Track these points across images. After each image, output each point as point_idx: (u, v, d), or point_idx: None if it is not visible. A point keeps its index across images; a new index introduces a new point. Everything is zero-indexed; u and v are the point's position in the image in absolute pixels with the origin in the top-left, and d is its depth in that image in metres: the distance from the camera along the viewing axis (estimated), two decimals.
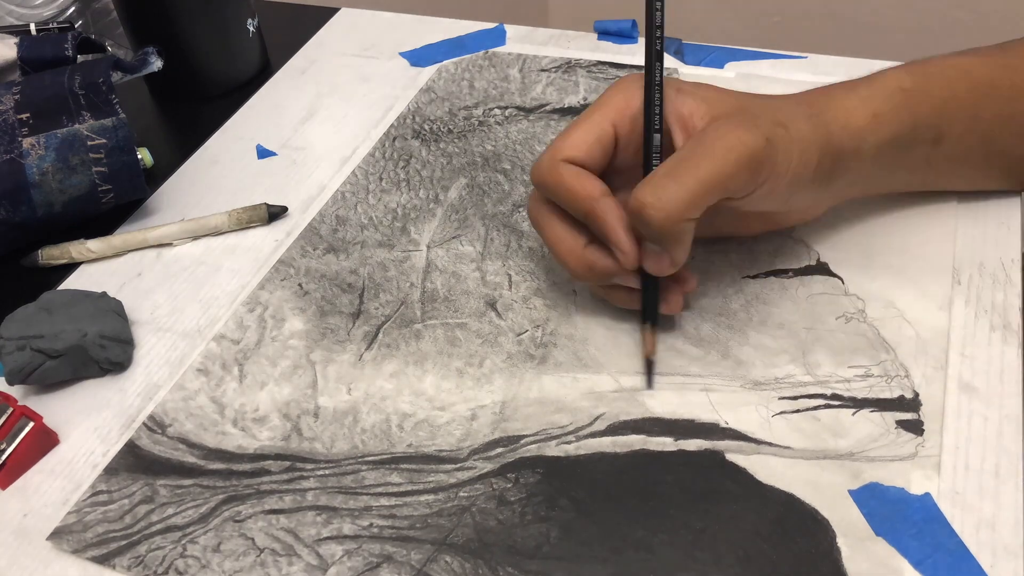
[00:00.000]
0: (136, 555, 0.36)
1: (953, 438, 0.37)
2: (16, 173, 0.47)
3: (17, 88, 0.48)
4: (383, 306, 0.45)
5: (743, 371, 0.40)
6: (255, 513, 0.37)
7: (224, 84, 0.62)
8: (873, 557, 0.33)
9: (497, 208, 0.50)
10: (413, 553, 0.35)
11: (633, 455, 0.37)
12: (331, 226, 0.50)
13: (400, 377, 0.41)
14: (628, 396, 0.40)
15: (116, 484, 0.38)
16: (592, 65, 0.59)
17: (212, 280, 0.48)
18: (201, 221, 0.50)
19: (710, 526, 0.35)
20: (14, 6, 0.63)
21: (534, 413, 0.39)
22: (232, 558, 0.35)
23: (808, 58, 0.58)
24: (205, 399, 0.41)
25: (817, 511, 0.35)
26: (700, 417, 0.38)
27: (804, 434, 0.37)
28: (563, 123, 0.55)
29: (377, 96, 0.59)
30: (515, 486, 0.37)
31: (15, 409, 0.39)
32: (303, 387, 0.42)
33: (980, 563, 0.33)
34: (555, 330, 0.43)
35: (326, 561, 0.35)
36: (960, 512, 0.34)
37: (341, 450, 0.39)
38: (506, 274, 0.46)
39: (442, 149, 0.54)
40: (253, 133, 0.58)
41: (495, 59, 0.61)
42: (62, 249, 0.49)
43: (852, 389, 0.39)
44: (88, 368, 0.42)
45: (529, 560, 0.34)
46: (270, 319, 0.45)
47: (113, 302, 0.45)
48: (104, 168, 0.48)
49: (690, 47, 0.60)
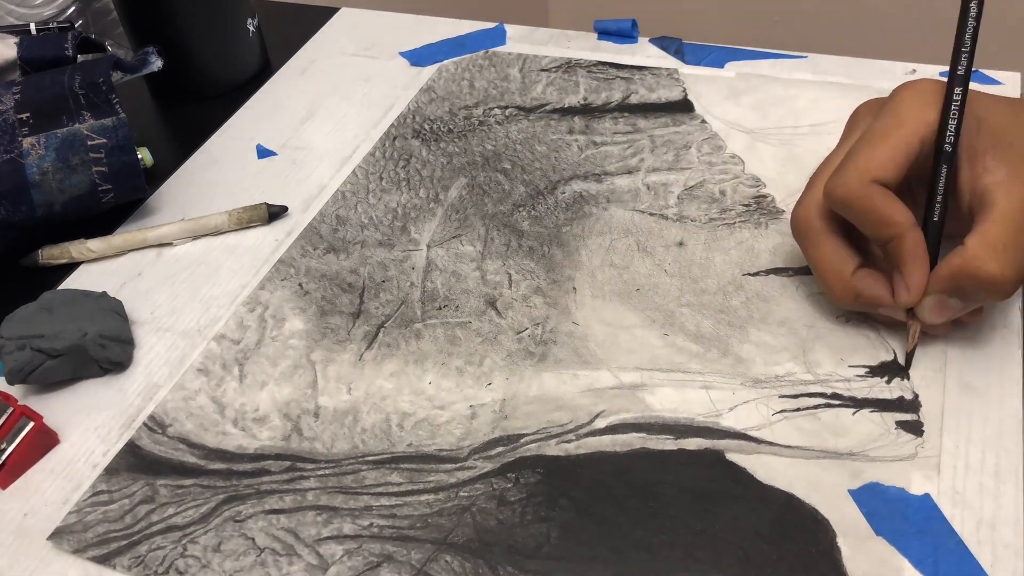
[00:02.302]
0: (136, 555, 0.36)
1: (953, 438, 0.37)
2: (16, 173, 0.47)
3: (17, 88, 0.48)
4: (383, 306, 0.45)
5: (743, 368, 0.40)
6: (255, 513, 0.37)
7: (224, 84, 0.62)
8: (873, 557, 0.33)
9: (497, 208, 0.50)
10: (413, 553, 0.35)
11: (633, 454, 0.37)
12: (331, 226, 0.50)
13: (400, 376, 0.41)
14: (628, 393, 0.40)
15: (116, 484, 0.38)
16: (592, 65, 0.59)
17: (212, 280, 0.48)
18: (201, 221, 0.50)
19: (710, 526, 0.35)
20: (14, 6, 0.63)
21: (534, 411, 0.39)
22: (232, 558, 0.35)
23: (808, 58, 0.58)
24: (205, 399, 0.41)
25: (817, 511, 0.35)
26: (700, 415, 0.38)
27: (805, 433, 0.37)
28: (563, 123, 0.55)
29: (377, 96, 0.59)
30: (515, 486, 0.37)
31: (15, 409, 0.39)
32: (303, 387, 0.42)
33: (980, 563, 0.33)
34: (555, 327, 0.43)
35: (326, 561, 0.35)
36: (960, 512, 0.34)
37: (341, 450, 0.39)
38: (506, 273, 0.46)
39: (442, 149, 0.54)
40: (253, 133, 0.58)
41: (495, 59, 0.61)
42: (62, 249, 0.49)
43: (852, 389, 0.39)
44: (88, 368, 0.42)
45: (529, 560, 0.34)
46: (270, 319, 0.45)
47: (113, 302, 0.45)
48: (104, 168, 0.48)
49: (690, 47, 0.60)
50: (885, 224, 0.37)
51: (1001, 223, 0.35)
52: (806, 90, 0.55)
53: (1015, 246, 0.35)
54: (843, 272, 0.38)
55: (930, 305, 0.37)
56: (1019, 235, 0.35)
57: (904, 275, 0.37)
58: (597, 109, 0.56)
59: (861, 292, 0.38)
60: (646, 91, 0.57)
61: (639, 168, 0.51)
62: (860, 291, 0.38)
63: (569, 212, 0.49)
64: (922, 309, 0.38)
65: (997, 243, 0.35)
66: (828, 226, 0.39)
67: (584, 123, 0.55)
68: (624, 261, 0.46)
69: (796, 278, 0.44)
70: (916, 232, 0.37)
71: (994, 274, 0.35)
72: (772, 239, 0.46)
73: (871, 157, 0.37)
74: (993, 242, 0.35)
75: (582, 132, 0.54)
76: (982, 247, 0.35)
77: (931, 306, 0.37)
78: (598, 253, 0.46)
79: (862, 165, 0.37)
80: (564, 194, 0.50)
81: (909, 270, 0.37)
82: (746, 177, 0.50)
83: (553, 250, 0.47)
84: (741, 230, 0.47)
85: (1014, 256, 0.35)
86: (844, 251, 0.39)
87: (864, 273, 0.38)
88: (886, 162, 0.37)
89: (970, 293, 0.36)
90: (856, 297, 0.38)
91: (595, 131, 0.54)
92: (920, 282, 0.37)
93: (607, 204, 0.49)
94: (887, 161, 0.37)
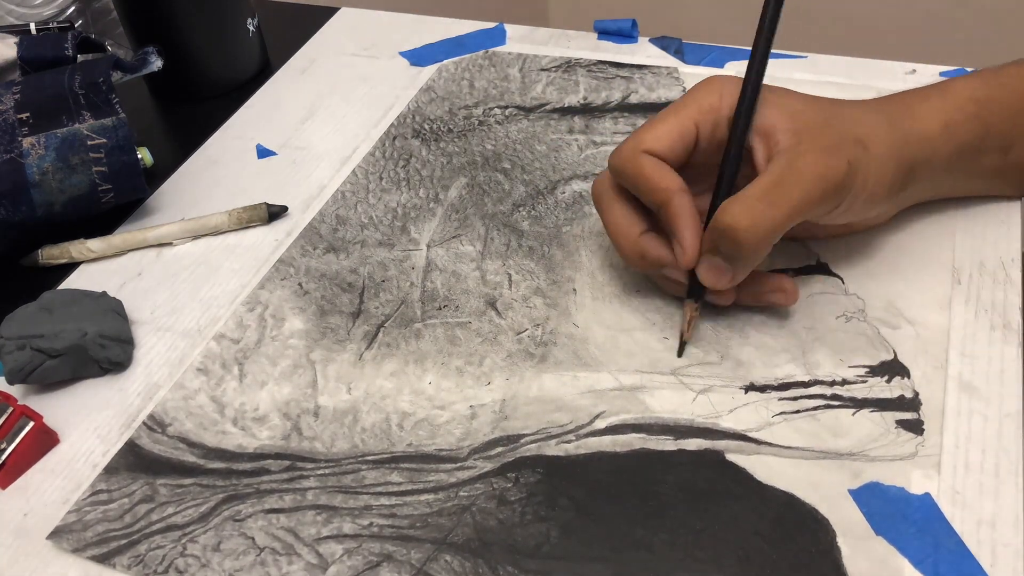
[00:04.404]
0: (136, 554, 0.36)
1: (953, 437, 0.37)
2: (16, 173, 0.47)
3: (17, 88, 0.48)
4: (383, 305, 0.45)
5: (743, 371, 0.40)
6: (255, 512, 0.37)
7: (224, 84, 0.62)
8: (873, 556, 0.33)
9: (497, 207, 0.50)
10: (413, 552, 0.35)
11: (633, 454, 0.37)
12: (331, 225, 0.50)
13: (400, 376, 0.41)
14: (628, 394, 0.40)
15: (116, 483, 0.38)
16: (592, 65, 0.59)
17: (212, 280, 0.48)
18: (201, 221, 0.50)
19: (710, 526, 0.35)
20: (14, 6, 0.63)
21: (534, 412, 0.39)
22: (232, 557, 0.35)
23: (808, 58, 0.58)
24: (205, 398, 0.41)
25: (817, 511, 0.35)
26: (700, 417, 0.38)
27: (804, 434, 0.37)
28: (563, 123, 0.55)
29: (377, 95, 0.59)
30: (515, 486, 0.37)
31: (15, 409, 0.39)
32: (303, 386, 0.42)
33: (980, 562, 0.33)
34: (555, 329, 0.43)
35: (326, 560, 0.35)
36: (960, 511, 0.34)
37: (341, 449, 0.39)
38: (506, 273, 0.46)
39: (442, 148, 0.54)
40: (253, 133, 0.58)
41: (495, 59, 0.61)
42: (62, 249, 0.49)
43: (852, 389, 0.39)
44: (88, 367, 0.42)
45: (529, 560, 0.34)
46: (270, 318, 0.45)
47: (113, 301, 0.45)
48: (104, 168, 0.48)
49: (690, 47, 0.60)
50: (654, 189, 0.39)
51: (758, 183, 0.38)
52: (806, 90, 0.55)
53: (763, 199, 0.37)
54: (631, 234, 0.41)
55: (703, 266, 0.39)
56: (770, 190, 0.37)
57: (678, 236, 0.39)
58: (597, 109, 0.56)
59: (646, 252, 0.41)
60: (646, 91, 0.57)
61: None
62: (645, 251, 0.41)
63: (569, 212, 0.49)
64: (699, 271, 0.40)
65: (746, 199, 0.37)
66: (620, 194, 0.42)
67: (584, 123, 0.55)
68: (624, 262, 0.46)
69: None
70: (684, 195, 0.39)
71: (734, 225, 0.37)
72: None
73: (647, 131, 0.40)
74: (742, 198, 0.37)
75: (582, 132, 0.54)
76: (732, 202, 0.38)
77: (704, 267, 0.39)
78: (598, 254, 0.46)
79: (637, 138, 0.40)
80: (564, 194, 0.50)
81: (681, 232, 0.39)
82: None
83: (553, 250, 0.47)
84: None
85: (760, 209, 0.37)
86: (632, 215, 0.41)
87: (650, 236, 0.41)
88: (661, 136, 0.40)
89: (724, 250, 0.38)
90: (641, 256, 0.41)
91: (595, 131, 0.54)
92: (693, 242, 0.39)
93: None
94: (662, 136, 0.40)
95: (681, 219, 0.39)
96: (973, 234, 0.45)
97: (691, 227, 0.39)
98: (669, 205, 0.39)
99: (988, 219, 0.45)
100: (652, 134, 0.40)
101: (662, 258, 0.40)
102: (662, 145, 0.40)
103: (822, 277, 0.44)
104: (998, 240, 0.44)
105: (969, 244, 0.44)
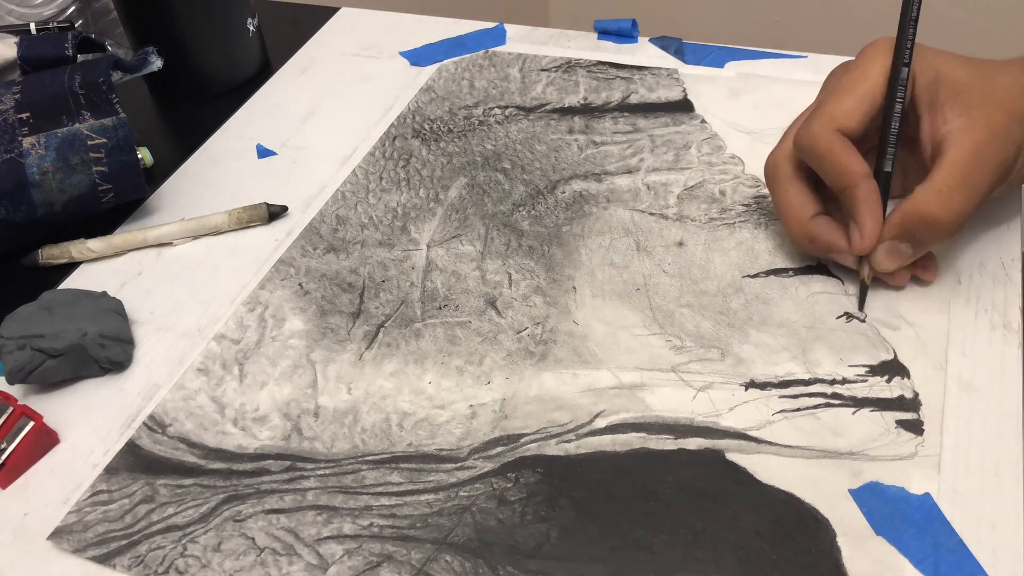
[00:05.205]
0: (136, 555, 0.36)
1: (953, 437, 0.37)
2: (16, 173, 0.47)
3: (17, 88, 0.48)
4: (383, 305, 0.45)
5: (743, 369, 0.40)
6: (255, 513, 0.37)
7: (224, 84, 0.62)
8: (873, 556, 0.33)
9: (497, 207, 0.50)
10: (413, 552, 0.35)
11: (633, 454, 0.37)
12: (331, 225, 0.50)
13: (400, 376, 0.41)
14: (628, 393, 0.40)
15: (116, 484, 0.38)
16: (592, 65, 0.59)
17: (212, 280, 0.48)
18: (201, 220, 0.50)
19: (710, 526, 0.35)
20: (14, 6, 0.63)
21: (534, 411, 0.39)
22: (232, 557, 0.35)
23: (808, 58, 0.58)
24: (205, 399, 0.41)
25: (817, 510, 0.35)
26: (700, 415, 0.38)
27: (804, 433, 0.37)
28: (563, 123, 0.55)
29: (377, 96, 0.59)
30: (515, 486, 0.37)
31: (15, 408, 0.39)
32: (303, 387, 0.42)
33: (980, 562, 0.33)
34: (555, 326, 0.43)
35: (326, 560, 0.35)
36: (960, 511, 0.34)
37: (341, 449, 0.39)
38: (506, 273, 0.46)
39: (442, 148, 0.54)
40: (253, 133, 0.58)
41: (495, 59, 0.61)
42: (62, 249, 0.49)
43: (852, 388, 0.39)
44: (88, 367, 0.42)
45: (529, 560, 0.34)
46: (270, 319, 0.45)
47: (113, 301, 0.45)
48: (104, 168, 0.48)
49: (690, 47, 0.60)
50: (843, 173, 0.39)
51: (947, 170, 0.38)
52: (806, 90, 0.55)
53: (959, 188, 0.38)
54: (802, 216, 0.41)
55: (883, 251, 0.40)
56: (964, 179, 0.38)
57: (859, 223, 0.40)
58: (597, 109, 0.56)
59: (817, 236, 0.41)
60: (646, 91, 0.57)
61: (639, 168, 0.51)
62: (816, 235, 0.41)
63: (569, 212, 0.49)
64: (876, 256, 0.40)
65: (942, 188, 0.38)
66: (795, 173, 0.42)
67: (584, 123, 0.55)
68: (624, 261, 0.46)
69: (796, 279, 0.44)
70: (870, 182, 0.39)
71: (936, 215, 0.38)
72: (772, 239, 0.46)
73: (837, 108, 0.40)
74: (939, 187, 0.38)
75: (582, 132, 0.54)
76: (928, 192, 0.38)
77: (884, 252, 0.40)
78: (598, 253, 0.46)
79: (828, 115, 0.40)
80: (564, 194, 0.50)
81: (863, 218, 0.39)
82: (746, 177, 0.50)
83: (553, 250, 0.47)
84: (741, 230, 0.47)
85: (958, 198, 0.38)
86: (806, 197, 0.41)
87: (822, 219, 0.41)
88: (851, 112, 0.40)
89: (918, 237, 0.39)
90: (811, 240, 0.41)
91: (595, 131, 0.54)
92: (874, 229, 0.39)
93: (607, 204, 0.49)
94: (852, 111, 0.40)
95: (865, 205, 0.39)
96: (973, 234, 0.45)
97: (873, 214, 0.39)
98: (856, 189, 0.39)
99: (988, 219, 0.45)
100: (842, 109, 0.40)
101: (832, 243, 0.41)
102: (853, 121, 0.39)
103: (822, 277, 0.44)
104: (998, 240, 0.44)
105: (969, 244, 0.44)
